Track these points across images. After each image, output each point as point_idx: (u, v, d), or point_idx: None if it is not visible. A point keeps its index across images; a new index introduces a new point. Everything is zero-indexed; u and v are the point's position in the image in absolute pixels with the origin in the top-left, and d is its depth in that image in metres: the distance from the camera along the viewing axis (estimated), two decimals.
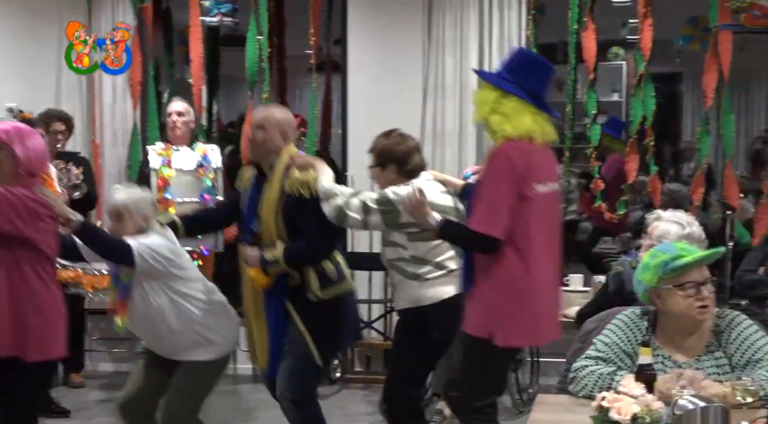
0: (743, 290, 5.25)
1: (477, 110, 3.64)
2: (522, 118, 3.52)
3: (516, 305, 3.49)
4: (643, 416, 2.22)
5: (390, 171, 4.08)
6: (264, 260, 3.88)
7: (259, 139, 3.94)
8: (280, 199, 3.87)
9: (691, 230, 3.85)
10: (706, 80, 6.12)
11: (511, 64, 3.67)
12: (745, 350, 2.87)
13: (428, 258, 4.00)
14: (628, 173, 6.42)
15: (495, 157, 3.52)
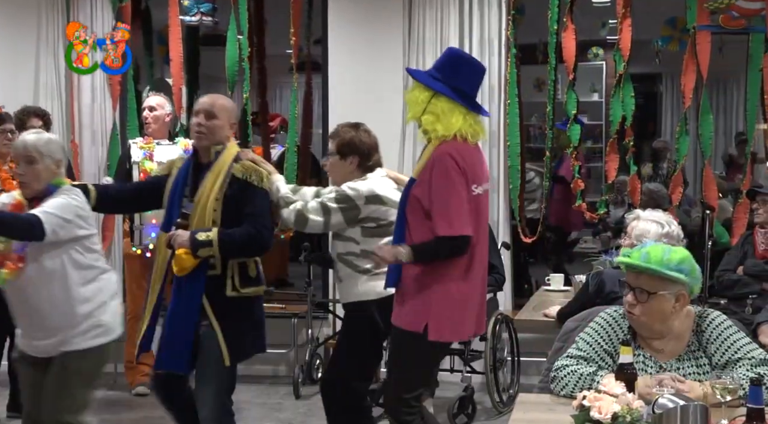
0: (722, 289, 5.28)
1: (409, 110, 3.66)
2: (452, 118, 3.58)
3: (449, 302, 3.58)
4: (623, 415, 2.23)
5: (350, 162, 4.05)
6: (196, 239, 3.70)
7: (211, 127, 3.83)
8: (224, 184, 3.77)
9: (670, 229, 3.87)
10: (685, 80, 6.15)
11: (441, 64, 3.68)
12: (725, 350, 2.89)
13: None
14: (608, 173, 6.45)
15: (439, 158, 3.54)
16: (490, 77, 6.42)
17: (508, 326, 5.94)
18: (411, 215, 3.58)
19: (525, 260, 8.02)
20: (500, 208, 6.47)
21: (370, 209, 3.94)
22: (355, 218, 3.94)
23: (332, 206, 3.89)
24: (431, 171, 3.54)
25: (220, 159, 3.82)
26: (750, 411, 2.16)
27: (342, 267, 4.09)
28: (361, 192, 3.92)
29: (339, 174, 4.07)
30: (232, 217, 3.76)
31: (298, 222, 3.89)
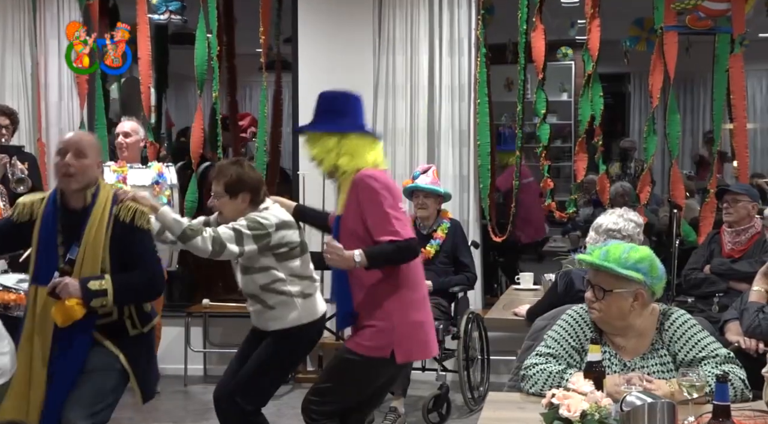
0: (689, 288, 5.33)
1: (324, 161, 3.63)
2: (367, 152, 3.63)
3: (410, 323, 3.61)
4: (592, 412, 2.24)
5: (242, 200, 3.98)
6: (88, 289, 3.45)
7: (81, 167, 3.50)
8: (108, 228, 3.52)
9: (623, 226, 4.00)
10: (652, 80, 6.21)
11: (326, 109, 3.70)
12: (690, 348, 2.92)
13: (304, 273, 4.04)
14: (577, 172, 6.50)
15: (360, 184, 3.55)
16: (459, 77, 6.45)
17: (478, 324, 5.97)
18: (349, 247, 3.54)
19: (495, 259, 8.05)
20: (470, 207, 6.50)
21: (281, 235, 3.91)
22: (266, 246, 3.89)
23: (246, 233, 3.84)
24: (357, 197, 3.55)
25: (98, 202, 3.55)
26: (716, 408, 2.18)
27: (271, 297, 4.00)
28: (271, 220, 3.91)
29: (232, 212, 3.99)
30: (118, 261, 3.54)
31: (215, 251, 3.78)
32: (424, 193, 5.72)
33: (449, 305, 5.72)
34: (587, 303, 2.98)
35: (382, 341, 3.57)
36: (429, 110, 6.47)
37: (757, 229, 5.16)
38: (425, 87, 6.45)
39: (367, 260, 3.50)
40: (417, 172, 5.79)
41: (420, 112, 6.46)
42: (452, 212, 6.06)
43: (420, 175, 5.75)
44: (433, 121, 6.48)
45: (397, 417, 5.22)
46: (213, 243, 3.78)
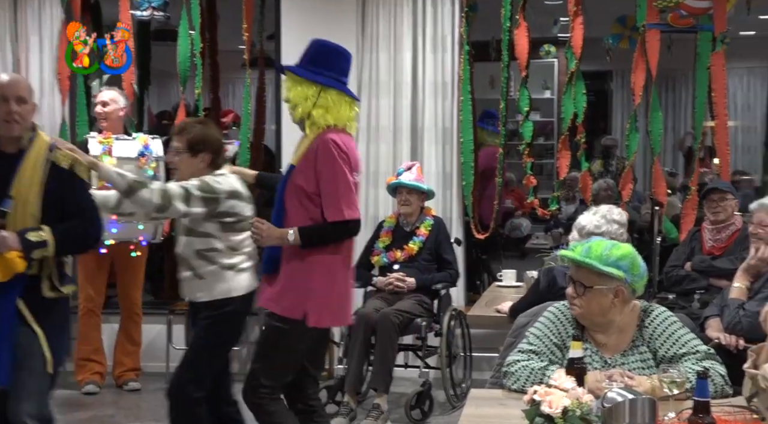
0: (671, 285, 5.36)
1: (298, 107, 3.60)
2: (341, 109, 3.62)
3: (328, 288, 3.60)
4: (573, 409, 2.25)
5: (202, 159, 3.90)
6: (28, 241, 3.33)
7: (23, 112, 3.43)
8: (44, 176, 3.40)
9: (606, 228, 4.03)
10: (635, 78, 6.24)
11: (315, 56, 3.66)
12: (671, 345, 2.94)
13: (241, 249, 3.94)
14: (560, 169, 6.52)
15: (324, 146, 3.54)
16: (443, 74, 6.45)
17: (461, 321, 5.98)
18: (290, 202, 3.58)
19: (477, 256, 8.06)
20: (453, 204, 6.50)
21: (230, 204, 3.84)
22: (213, 212, 3.80)
23: (195, 194, 3.73)
24: (316, 158, 3.54)
25: (34, 147, 3.44)
26: (697, 404, 2.20)
27: (202, 264, 3.88)
28: (224, 186, 3.82)
29: (188, 171, 3.89)
30: (54, 212, 3.41)
31: (161, 205, 3.66)
32: (407, 189, 5.73)
33: (432, 302, 5.73)
34: (568, 299, 3.00)
35: (296, 300, 3.56)
36: (412, 108, 6.47)
37: (738, 226, 5.20)
38: (408, 84, 6.45)
39: (301, 239, 3.51)
40: (401, 169, 5.79)
41: (403, 109, 6.46)
42: (435, 210, 6.07)
43: (404, 171, 5.75)
44: (416, 119, 6.48)
45: (380, 414, 5.22)
46: (161, 197, 3.65)
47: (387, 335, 5.32)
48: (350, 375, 5.37)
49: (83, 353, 5.98)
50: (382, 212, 6.37)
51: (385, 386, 5.32)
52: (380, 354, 5.33)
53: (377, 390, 5.33)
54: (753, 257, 4.36)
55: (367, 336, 5.39)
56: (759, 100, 11.14)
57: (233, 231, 3.88)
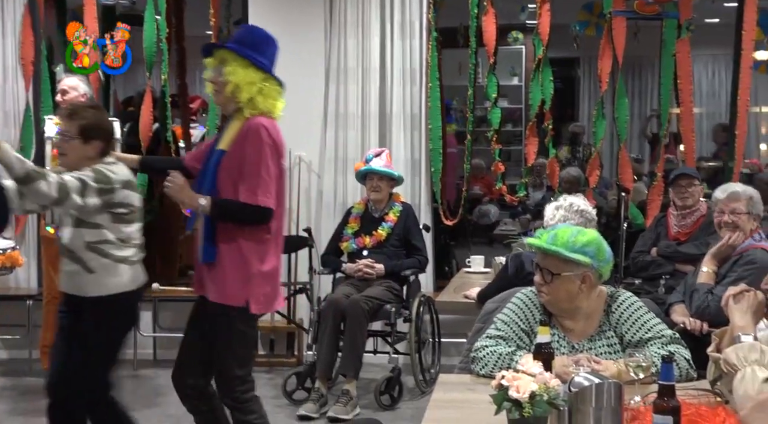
0: (637, 270, 5.41)
1: (242, 91, 3.54)
2: (278, 99, 3.64)
3: (265, 274, 3.61)
4: (540, 393, 2.27)
5: (93, 147, 3.69)
6: None
7: None
8: None
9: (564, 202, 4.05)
10: (602, 65, 6.28)
11: (255, 42, 3.63)
12: (637, 330, 2.97)
13: (131, 241, 3.74)
14: (528, 156, 6.55)
15: (254, 131, 3.52)
16: (411, 60, 6.45)
17: (429, 307, 6.00)
18: (223, 187, 3.53)
19: (446, 242, 8.09)
20: (422, 191, 6.52)
21: (125, 194, 3.67)
22: (108, 203, 3.62)
23: (91, 185, 3.54)
24: (244, 142, 3.52)
25: None
26: (661, 387, 2.22)
27: (93, 257, 3.65)
28: (119, 175, 3.66)
29: (75, 159, 3.68)
30: None
31: (58, 199, 3.48)
32: (378, 176, 5.73)
33: (401, 288, 5.75)
34: (536, 286, 3.02)
35: (237, 289, 3.55)
36: (380, 94, 6.47)
37: (703, 212, 5.25)
38: (377, 70, 6.45)
39: (211, 209, 3.49)
40: (370, 155, 5.79)
41: (371, 95, 6.46)
42: (404, 196, 6.08)
43: (373, 158, 5.75)
44: (384, 105, 6.48)
45: (349, 400, 5.24)
46: (59, 190, 3.44)
47: (357, 321, 5.33)
48: (320, 361, 5.37)
49: (48, 341, 5.92)
50: (351, 199, 6.37)
51: (354, 371, 5.33)
52: (350, 340, 5.34)
53: (347, 376, 5.34)
54: (723, 244, 4.41)
55: (337, 322, 5.40)
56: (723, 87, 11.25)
57: (124, 222, 3.69)
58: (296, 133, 6.52)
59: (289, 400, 5.53)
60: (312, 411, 5.23)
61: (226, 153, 3.55)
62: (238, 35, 3.72)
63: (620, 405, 2.25)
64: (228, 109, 3.64)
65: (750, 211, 4.44)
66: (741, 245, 4.39)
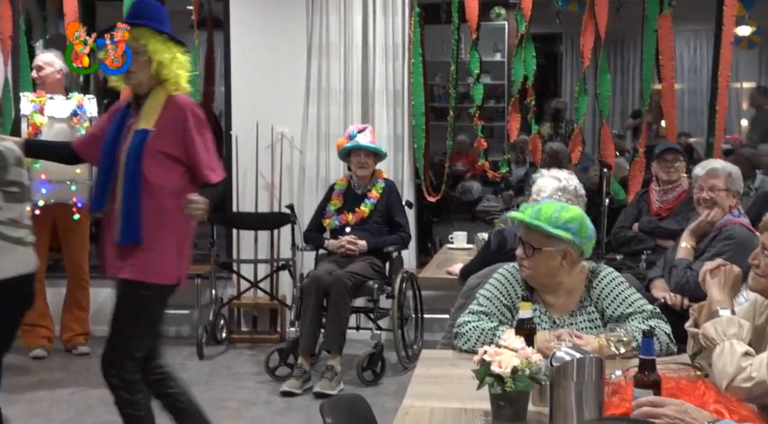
0: (618, 245, 5.43)
1: (166, 68, 3.51)
2: (187, 70, 3.61)
3: (189, 249, 3.63)
4: (522, 368, 2.28)
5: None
6: None
7: None
8: None
9: (567, 184, 3.98)
10: (584, 41, 6.27)
11: (161, 17, 3.59)
12: (618, 305, 2.99)
13: (24, 221, 3.58)
14: (510, 132, 6.55)
15: (189, 111, 3.49)
16: (394, 36, 6.42)
17: (412, 283, 6.02)
18: (151, 169, 3.45)
19: (429, 218, 8.10)
20: (405, 167, 6.51)
21: (17, 171, 3.55)
22: (2, 179, 3.47)
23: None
24: (184, 122, 3.48)
25: None
26: (642, 362, 2.23)
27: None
28: (14, 151, 3.55)
29: None
30: None
31: None
32: (364, 152, 5.71)
33: (384, 264, 5.75)
34: (518, 260, 3.03)
35: (168, 265, 3.52)
36: (363, 70, 6.44)
37: (684, 187, 5.27)
38: (359, 47, 6.42)
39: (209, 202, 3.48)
40: (354, 132, 5.76)
41: (354, 72, 6.43)
42: (386, 172, 6.07)
43: (358, 134, 5.73)
44: (367, 81, 6.46)
45: (333, 375, 5.25)
46: None
47: (340, 297, 5.34)
48: (303, 337, 5.38)
49: (29, 318, 5.88)
50: (333, 175, 6.36)
51: (338, 347, 5.34)
52: (333, 316, 5.35)
53: (330, 352, 5.35)
54: (702, 220, 4.43)
55: (320, 298, 5.40)
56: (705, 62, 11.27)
57: (16, 201, 3.55)
58: (278, 109, 6.52)
59: (272, 376, 5.54)
60: (295, 387, 5.24)
61: (151, 133, 3.47)
62: (140, 11, 3.61)
63: (601, 379, 2.27)
64: (144, 87, 3.55)
65: (729, 187, 4.46)
66: (720, 220, 4.41)
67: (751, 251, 2.61)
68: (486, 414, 2.35)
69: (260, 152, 6.55)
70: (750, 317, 2.63)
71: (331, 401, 2.44)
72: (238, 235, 6.65)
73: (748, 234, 4.24)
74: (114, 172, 3.51)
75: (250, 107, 6.53)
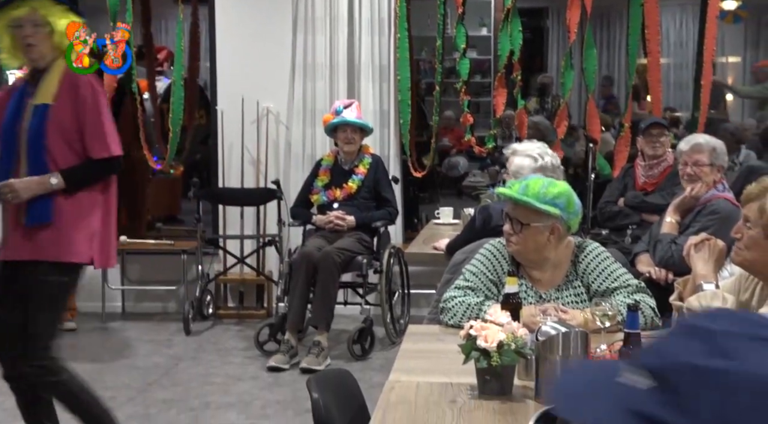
0: (604, 220, 5.45)
1: (65, 40, 3.42)
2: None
3: (108, 227, 3.52)
4: (508, 343, 2.29)
5: None
6: None
7: None
8: None
9: (544, 161, 3.97)
10: (570, 15, 6.25)
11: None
12: (603, 279, 3.01)
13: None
14: (496, 107, 6.54)
15: (85, 84, 3.41)
16: (380, 10, 6.39)
17: (399, 259, 6.03)
18: (54, 144, 3.38)
19: (415, 194, 8.11)
20: (391, 142, 6.50)
21: None
22: None
23: None
24: (79, 95, 3.40)
25: None
26: (627, 335, 2.25)
27: None
28: None
29: None
30: None
31: None
32: (351, 127, 5.69)
33: (371, 239, 5.76)
34: (505, 236, 3.03)
35: (83, 245, 3.41)
36: (349, 44, 6.41)
37: (669, 162, 5.29)
38: (345, 21, 6.38)
39: (66, 181, 3.36)
40: (340, 107, 5.74)
41: (340, 46, 6.40)
42: (373, 147, 6.07)
43: (344, 109, 5.70)
44: (353, 56, 6.43)
45: (321, 351, 5.27)
46: None
47: (329, 273, 5.34)
48: (292, 313, 5.39)
49: None
50: (319, 150, 6.35)
51: (326, 323, 5.36)
52: (322, 292, 5.36)
53: (318, 328, 5.37)
54: (686, 195, 4.45)
55: (310, 275, 5.41)
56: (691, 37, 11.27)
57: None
58: (264, 84, 6.50)
59: (261, 351, 5.56)
60: (282, 362, 5.26)
61: (51, 107, 3.39)
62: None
63: (586, 354, 2.29)
64: (46, 60, 3.46)
65: (713, 162, 4.47)
66: (704, 195, 4.43)
67: (735, 225, 2.63)
68: (472, 388, 2.36)
69: (246, 128, 6.52)
70: (734, 291, 2.65)
71: (318, 376, 2.46)
72: (224, 211, 6.64)
73: (732, 208, 4.26)
74: (16, 150, 3.40)
75: (235, 82, 6.50)
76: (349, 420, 2.38)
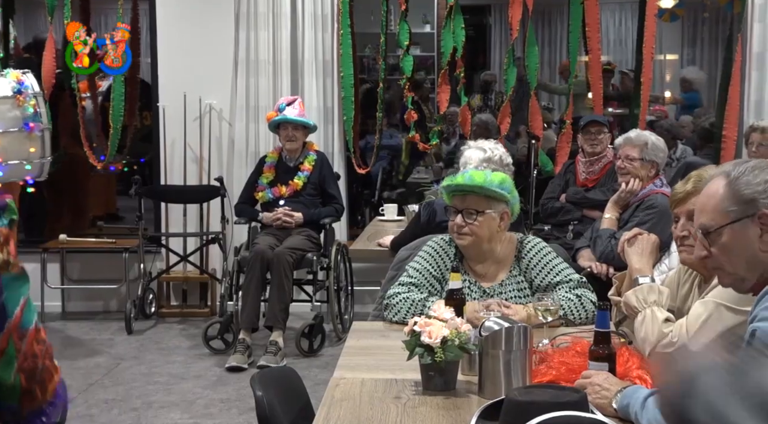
0: (546, 216, 5.51)
1: None
2: None
3: None
4: (452, 338, 2.31)
5: None
6: None
7: None
8: None
9: (492, 154, 4.00)
10: (512, 12, 6.30)
11: None
12: (546, 274, 3.05)
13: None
14: (440, 104, 6.57)
15: None
16: (323, 6, 6.37)
17: (343, 255, 6.03)
18: None
19: (358, 190, 8.10)
20: (335, 139, 6.49)
21: None
22: None
23: None
24: None
25: None
26: (597, 335, 2.23)
27: None
28: None
29: None
30: None
31: None
32: (293, 125, 5.67)
33: (319, 236, 5.75)
34: (456, 229, 3.03)
35: None
36: (292, 40, 6.38)
37: (609, 158, 5.36)
38: (288, 17, 6.35)
39: None
40: (283, 104, 5.72)
41: (283, 42, 6.37)
42: (317, 144, 6.05)
43: (286, 107, 5.68)
44: (296, 52, 6.40)
45: (277, 350, 5.24)
46: None
47: (284, 273, 5.32)
48: (246, 312, 5.35)
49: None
50: (263, 147, 6.31)
51: (282, 323, 5.34)
52: (277, 292, 5.33)
53: (272, 328, 5.33)
54: (623, 191, 4.52)
55: (263, 273, 5.38)
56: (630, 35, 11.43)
57: None
58: (206, 80, 6.44)
59: (210, 348, 5.51)
60: (242, 362, 5.21)
61: None
62: None
63: (528, 348, 2.31)
64: None
65: (643, 157, 4.53)
66: (642, 191, 4.51)
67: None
68: (416, 384, 2.37)
69: (188, 124, 6.46)
70: (675, 285, 2.70)
71: (262, 373, 2.45)
72: (166, 208, 6.56)
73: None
74: None
75: (177, 78, 6.43)
76: (293, 417, 2.38)
